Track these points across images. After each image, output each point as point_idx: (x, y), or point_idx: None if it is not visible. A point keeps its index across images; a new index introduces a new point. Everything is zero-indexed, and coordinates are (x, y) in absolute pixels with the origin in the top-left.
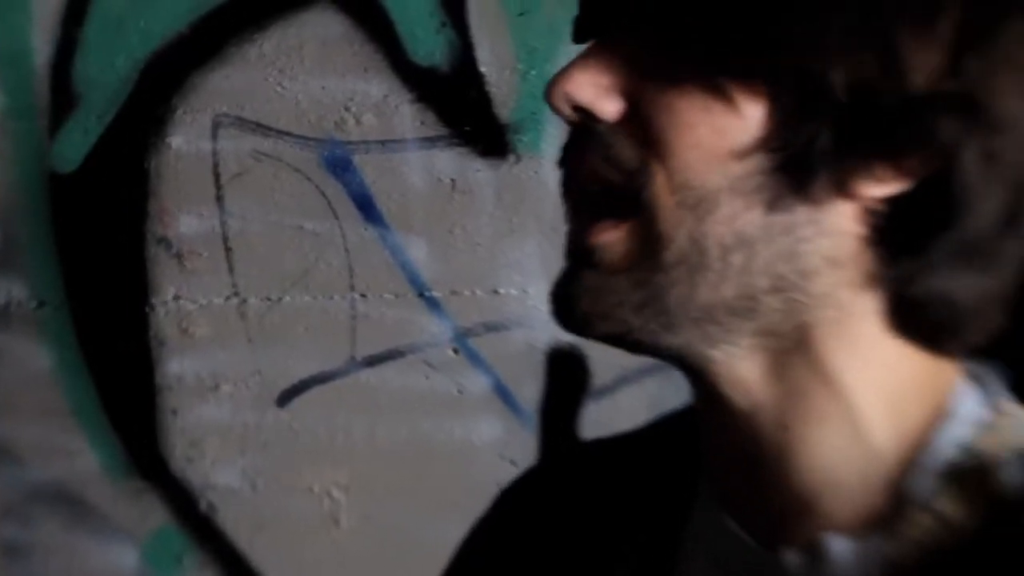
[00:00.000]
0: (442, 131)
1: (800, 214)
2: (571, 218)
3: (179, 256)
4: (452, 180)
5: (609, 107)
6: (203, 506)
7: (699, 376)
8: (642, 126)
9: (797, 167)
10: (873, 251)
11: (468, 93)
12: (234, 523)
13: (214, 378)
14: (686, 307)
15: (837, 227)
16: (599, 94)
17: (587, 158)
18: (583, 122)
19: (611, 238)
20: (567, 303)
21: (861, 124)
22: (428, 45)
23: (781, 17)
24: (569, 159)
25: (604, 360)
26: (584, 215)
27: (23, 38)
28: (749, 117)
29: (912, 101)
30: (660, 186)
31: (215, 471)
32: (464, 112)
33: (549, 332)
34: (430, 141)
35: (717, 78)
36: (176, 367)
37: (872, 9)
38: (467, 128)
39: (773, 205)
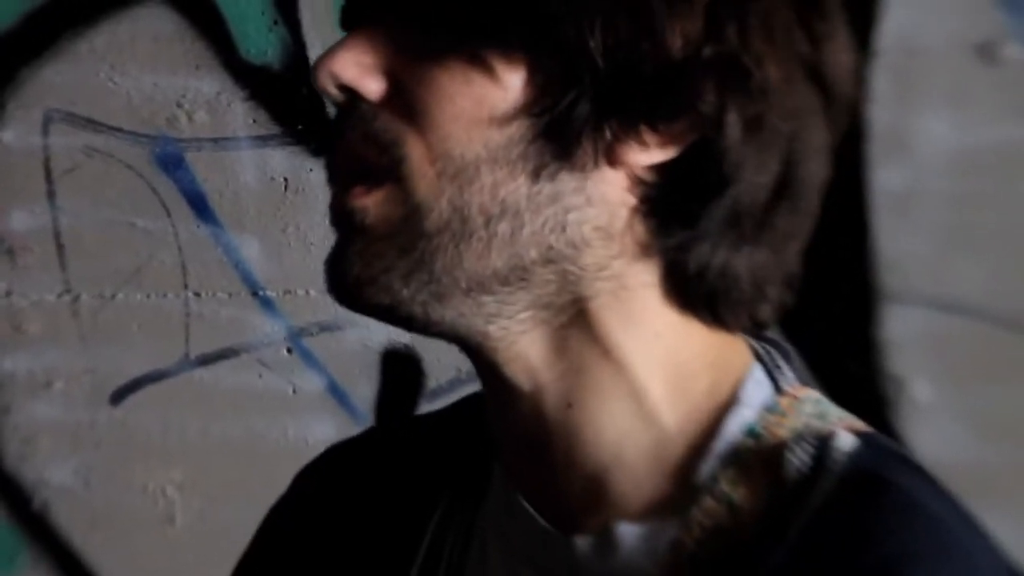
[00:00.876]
0: (274, 129)
1: (566, 183)
2: (331, 189)
3: (10, 252)
4: (285, 179)
5: (372, 86)
6: (36, 504)
7: (479, 355)
8: (404, 102)
9: (559, 133)
10: (645, 221)
11: (300, 92)
12: (68, 521)
13: (47, 375)
14: (454, 275)
15: (606, 196)
16: (362, 73)
17: (348, 136)
18: (348, 102)
19: (367, 202)
20: (338, 271)
21: (621, 90)
22: (260, 43)
23: None
24: (331, 138)
25: (439, 362)
26: (342, 181)
27: None
28: (509, 86)
29: (671, 67)
30: (419, 157)
31: (48, 469)
32: (296, 111)
33: (383, 332)
34: (262, 139)
35: (476, 49)
36: (8, 364)
37: None
38: (299, 127)
39: (537, 173)
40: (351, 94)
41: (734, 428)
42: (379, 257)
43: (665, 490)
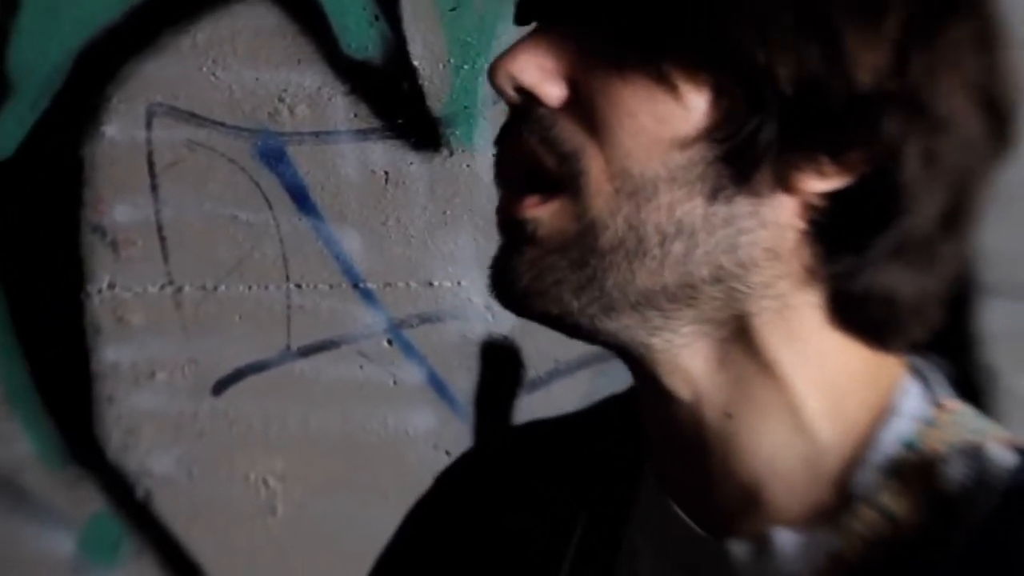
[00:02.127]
0: (375, 123)
1: (741, 206)
2: (501, 193)
3: (114, 244)
4: (386, 172)
5: (552, 91)
6: (139, 493)
7: (641, 365)
8: (584, 112)
9: (740, 158)
10: (813, 245)
11: (401, 86)
12: (170, 511)
13: (149, 366)
14: (625, 291)
15: (778, 220)
16: (543, 77)
17: (524, 139)
18: (524, 104)
19: (542, 212)
20: (506, 278)
21: (805, 118)
22: (361, 38)
23: (729, 8)
24: (506, 139)
25: (538, 352)
26: (513, 186)
27: None
28: (693, 107)
29: (856, 97)
30: (597, 172)
31: (151, 459)
32: (397, 105)
33: (483, 324)
34: (363, 133)
35: (662, 67)
36: (111, 355)
37: (819, 5)
38: (400, 121)
39: (715, 196)
40: (527, 97)
41: (890, 440)
42: (551, 270)
43: (820, 499)
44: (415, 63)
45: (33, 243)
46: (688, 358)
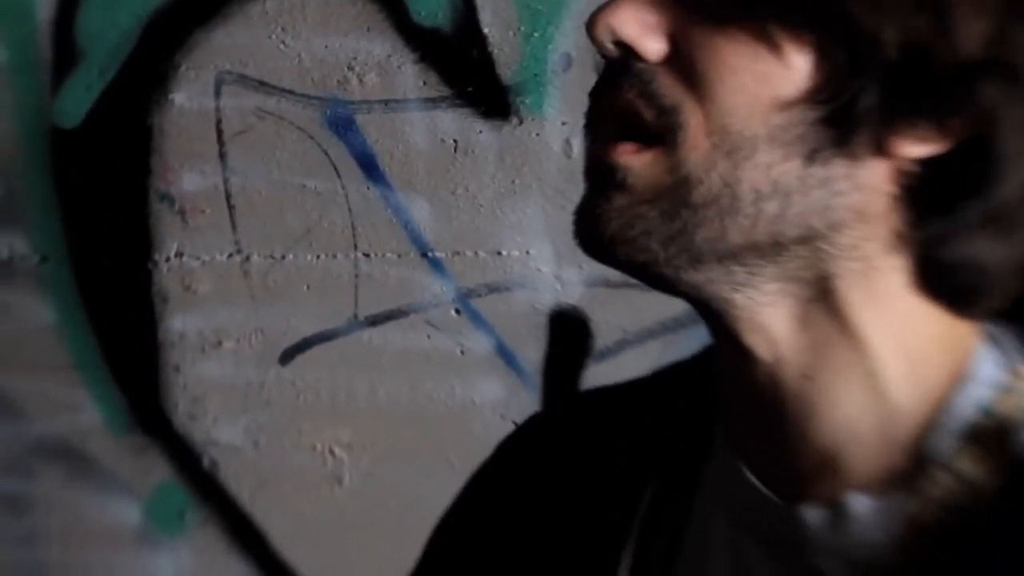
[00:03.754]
0: (445, 92)
1: (837, 168)
2: (591, 137)
3: (182, 213)
4: (455, 141)
5: (653, 45)
6: (205, 463)
7: (721, 321)
8: (684, 68)
9: (840, 122)
10: (903, 210)
11: (471, 54)
12: (236, 480)
13: (217, 335)
14: (714, 246)
15: (871, 183)
16: (644, 31)
17: (622, 92)
18: (622, 59)
19: (635, 161)
20: (593, 224)
21: (908, 84)
22: (431, 5)
23: None
24: (601, 92)
25: (606, 322)
26: (606, 133)
27: None
28: (796, 67)
29: (960, 65)
30: (695, 127)
31: (217, 428)
32: (467, 73)
33: (551, 293)
34: (433, 102)
35: (766, 26)
36: (179, 324)
37: None
38: (470, 89)
39: (812, 157)
40: (626, 51)
41: (967, 405)
42: (640, 219)
43: (896, 464)
44: (485, 30)
45: (100, 211)
46: (769, 317)
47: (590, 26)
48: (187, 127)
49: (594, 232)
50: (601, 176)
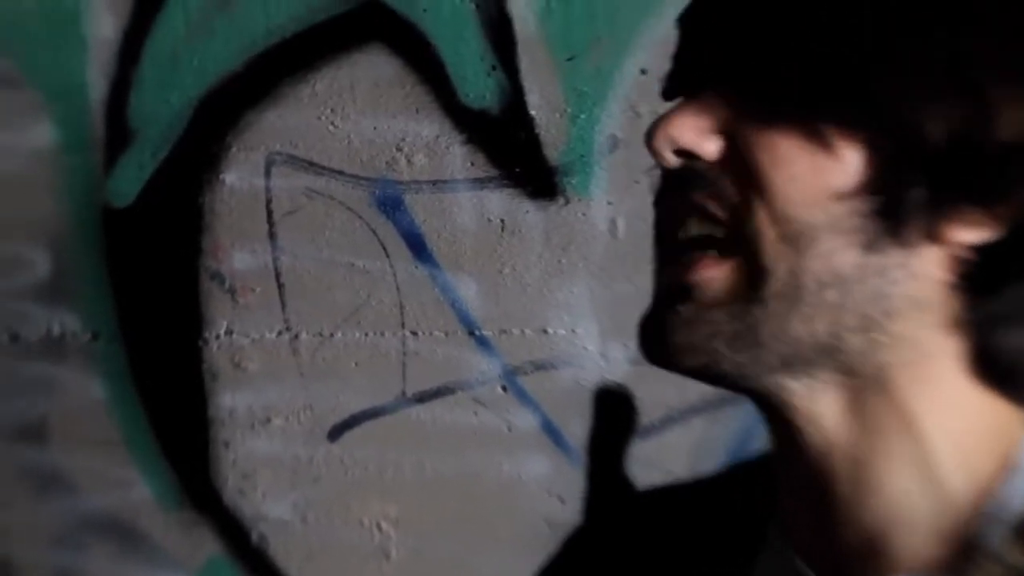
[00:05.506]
0: (492, 172)
1: (892, 256)
2: (666, 259)
3: (232, 291)
4: (502, 220)
5: (710, 147)
6: (255, 538)
7: (776, 409)
8: (742, 164)
9: (893, 211)
10: (957, 296)
11: (518, 135)
12: (285, 555)
13: (266, 411)
14: (778, 339)
15: (925, 271)
16: (701, 135)
17: (690, 196)
18: (682, 168)
19: (714, 273)
20: (659, 335)
21: (955, 172)
22: (479, 88)
23: (881, 69)
24: (666, 201)
25: (651, 399)
26: (684, 254)
27: (79, 73)
28: (847, 161)
29: (1002, 152)
30: (762, 219)
31: (267, 503)
32: (514, 154)
33: (597, 370)
34: (480, 182)
35: (815, 123)
36: (228, 400)
37: (966, 64)
38: (517, 170)
39: (869, 247)
40: (686, 158)
41: (1015, 496)
42: (707, 324)
43: (944, 553)
44: (531, 112)
45: (151, 289)
46: (825, 404)
47: (649, 139)
48: (238, 207)
49: (660, 342)
50: (674, 293)
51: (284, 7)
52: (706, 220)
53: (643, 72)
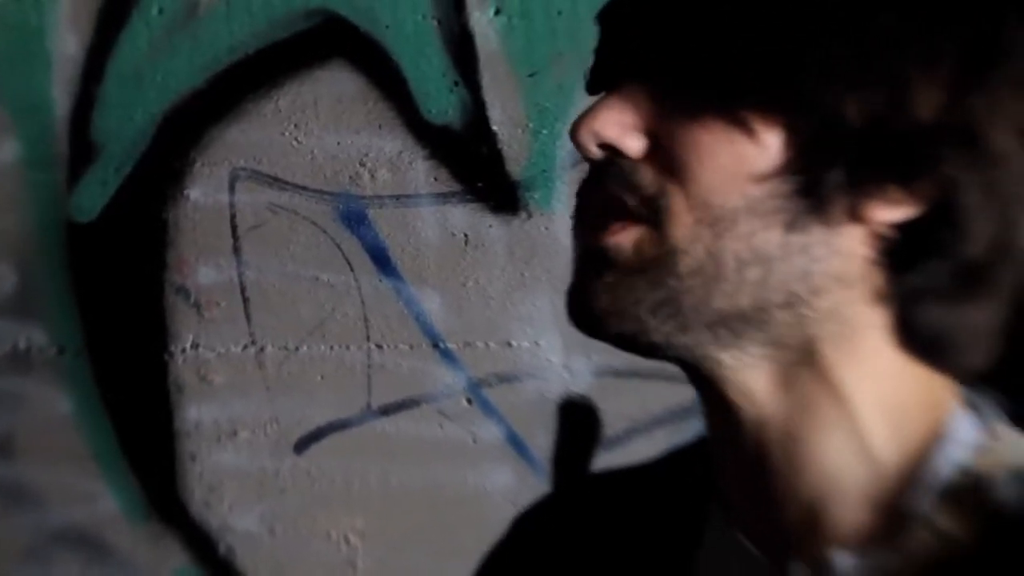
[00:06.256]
0: (455, 187)
1: (815, 235)
2: (581, 230)
3: (197, 305)
4: (465, 234)
5: (634, 144)
6: (222, 550)
7: (709, 384)
8: (664, 158)
9: (814, 191)
10: (880, 272)
11: (480, 150)
12: (252, 567)
13: (232, 424)
14: (700, 312)
15: (848, 248)
16: (624, 132)
17: (608, 188)
18: (606, 160)
19: (624, 238)
20: (584, 301)
21: (873, 153)
22: (441, 103)
23: (796, 54)
24: (586, 191)
25: (615, 411)
26: (597, 223)
27: (43, 90)
28: (768, 146)
29: (919, 133)
30: (678, 206)
31: (233, 516)
32: (477, 169)
33: (561, 383)
34: (443, 196)
35: (738, 112)
36: (194, 413)
37: (881, 49)
38: (480, 184)
39: (791, 226)
40: (610, 151)
41: (945, 464)
42: (630, 290)
43: (878, 522)
44: (494, 128)
45: (117, 303)
46: (755, 378)
47: (573, 132)
48: (202, 222)
49: (586, 308)
50: (591, 258)
51: (247, 24)
52: (621, 208)
53: None
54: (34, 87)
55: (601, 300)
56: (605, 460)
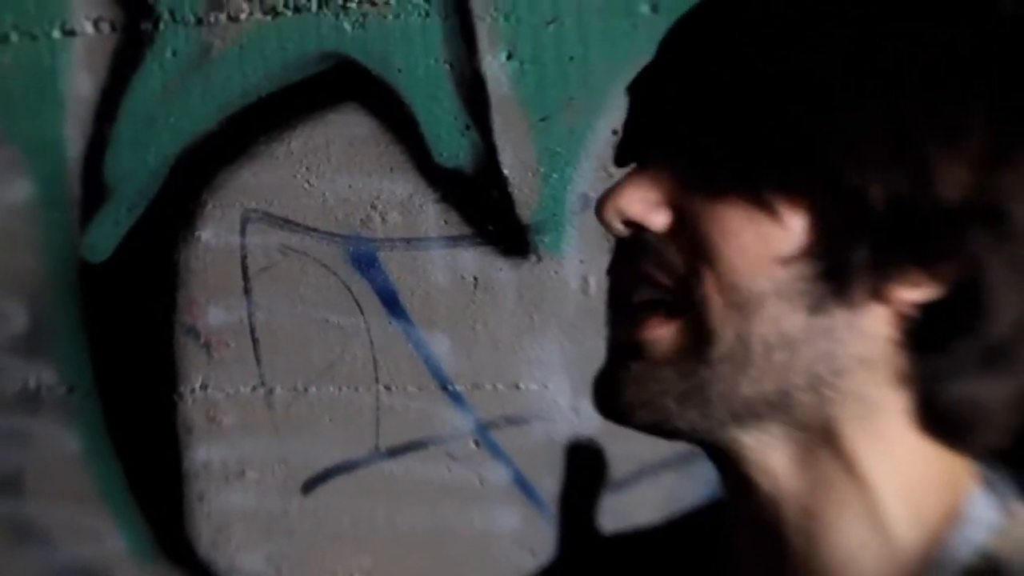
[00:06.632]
0: (465, 230)
1: (839, 318)
2: (617, 320)
3: (207, 346)
4: (475, 278)
5: (658, 219)
6: None
7: (728, 461)
8: (689, 235)
9: (838, 274)
10: (903, 352)
11: (491, 194)
12: None
13: (240, 465)
14: (728, 400)
15: (871, 330)
16: (648, 208)
17: (639, 265)
18: (632, 237)
19: (661, 333)
20: (611, 391)
21: (897, 234)
22: (452, 147)
23: (822, 136)
24: (618, 269)
25: (622, 454)
26: (634, 314)
27: (56, 131)
28: (792, 227)
29: (943, 213)
30: (710, 287)
31: (241, 556)
32: (487, 212)
33: (569, 425)
34: (454, 240)
35: (760, 191)
36: (203, 454)
37: (905, 128)
38: (490, 228)
39: (815, 309)
40: (635, 228)
41: (963, 546)
42: (657, 381)
43: None
44: (504, 172)
45: (127, 343)
46: (775, 458)
47: (599, 210)
48: (213, 263)
49: (612, 399)
50: (624, 350)
51: (260, 67)
52: (655, 287)
53: (615, 132)
54: (47, 128)
55: (629, 392)
56: (613, 503)
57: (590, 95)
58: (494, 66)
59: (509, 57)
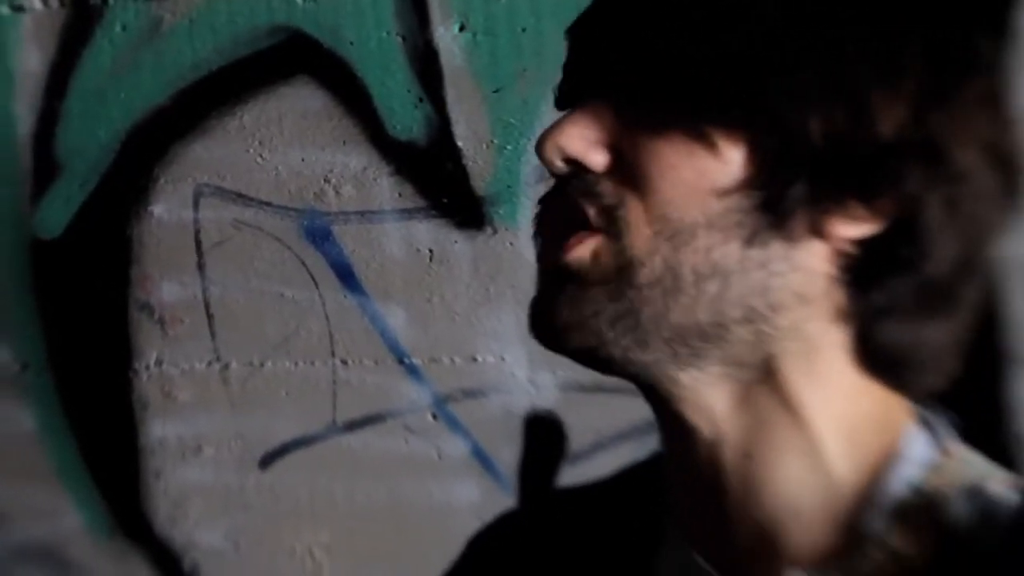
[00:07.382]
0: (420, 203)
1: (776, 250)
2: (544, 247)
3: (161, 322)
4: (430, 250)
5: (597, 158)
6: (187, 566)
7: (666, 402)
8: (626, 171)
9: (775, 207)
10: (841, 289)
11: (445, 166)
12: None
13: (196, 441)
14: (659, 325)
15: (809, 265)
16: (588, 146)
17: (568, 196)
18: (570, 174)
19: (582, 250)
20: (545, 314)
21: (835, 169)
22: (406, 119)
23: (760, 70)
24: (548, 200)
25: (580, 425)
26: (557, 236)
27: (6, 107)
28: (730, 160)
29: (881, 149)
30: (636, 217)
31: (198, 532)
32: (441, 185)
33: (526, 398)
34: (408, 213)
35: (701, 127)
36: (159, 430)
37: (843, 65)
38: (444, 200)
39: (750, 240)
40: (575, 165)
41: (898, 483)
42: (589, 302)
43: (832, 541)
44: (459, 144)
45: (81, 320)
46: (712, 396)
47: (539, 146)
48: (166, 238)
49: (546, 321)
50: (553, 274)
51: (210, 41)
52: (580, 215)
53: None
54: None
55: (562, 313)
56: (571, 475)
57: (543, 66)
58: (447, 38)
59: (462, 29)
